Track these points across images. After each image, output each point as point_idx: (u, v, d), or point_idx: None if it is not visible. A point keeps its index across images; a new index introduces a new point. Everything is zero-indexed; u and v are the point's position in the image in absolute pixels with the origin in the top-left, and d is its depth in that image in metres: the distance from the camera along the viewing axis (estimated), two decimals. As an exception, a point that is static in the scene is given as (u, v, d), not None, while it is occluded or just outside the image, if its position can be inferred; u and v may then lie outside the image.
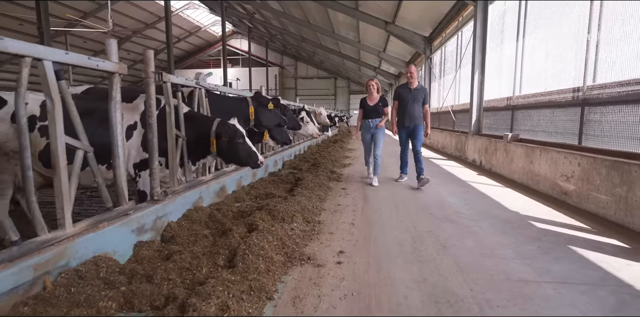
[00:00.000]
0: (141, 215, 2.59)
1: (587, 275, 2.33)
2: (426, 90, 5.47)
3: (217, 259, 2.37)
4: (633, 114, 3.52)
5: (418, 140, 5.42)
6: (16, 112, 1.76)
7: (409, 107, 5.34)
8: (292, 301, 1.99)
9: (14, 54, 1.73)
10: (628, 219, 3.26)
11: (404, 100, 5.39)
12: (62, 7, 23.10)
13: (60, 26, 23.11)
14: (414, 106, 5.34)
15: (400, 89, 5.51)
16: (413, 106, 5.34)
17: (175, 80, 3.13)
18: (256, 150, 3.32)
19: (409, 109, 5.34)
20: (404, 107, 5.38)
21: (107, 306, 1.83)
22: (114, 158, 2.44)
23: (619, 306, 1.94)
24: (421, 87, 5.44)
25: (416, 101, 5.35)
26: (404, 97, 5.39)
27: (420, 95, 5.36)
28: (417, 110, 5.37)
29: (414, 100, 5.34)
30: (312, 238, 3.00)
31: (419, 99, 5.35)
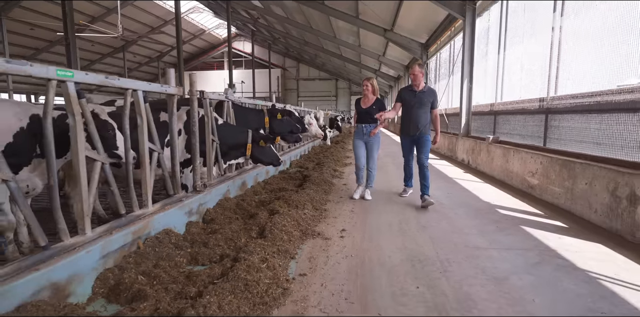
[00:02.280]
0: (190, 201, 3.41)
1: (525, 244, 3.13)
2: (435, 93, 4.69)
3: (251, 232, 3.20)
4: (581, 121, 4.33)
5: (424, 152, 4.62)
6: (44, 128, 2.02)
7: (413, 113, 4.58)
8: (308, 259, 2.80)
9: (124, 87, 2.55)
10: (572, 206, 4.06)
11: (407, 105, 4.67)
12: (76, 13, 23.94)
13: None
14: (419, 112, 4.56)
15: (403, 92, 4.75)
16: (418, 112, 4.56)
17: (212, 97, 3.96)
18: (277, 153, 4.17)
19: (414, 115, 4.58)
20: (408, 112, 4.65)
21: (181, 260, 2.64)
22: (173, 158, 3.25)
23: (538, 262, 2.74)
24: (428, 89, 4.62)
25: (422, 106, 4.57)
26: (408, 101, 4.65)
27: (428, 99, 4.57)
28: (423, 116, 4.58)
29: (420, 104, 4.56)
30: (320, 220, 3.82)
31: (425, 104, 4.57)
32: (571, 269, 2.62)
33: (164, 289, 2.19)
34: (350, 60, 25.56)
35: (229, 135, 4.15)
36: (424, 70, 4.60)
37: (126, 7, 26.04)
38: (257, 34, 32.07)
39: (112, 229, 2.43)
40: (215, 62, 42.66)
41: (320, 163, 7.57)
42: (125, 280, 2.22)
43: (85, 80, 2.13)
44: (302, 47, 30.03)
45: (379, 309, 2.09)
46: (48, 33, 25.25)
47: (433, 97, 4.63)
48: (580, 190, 3.93)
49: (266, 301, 2.11)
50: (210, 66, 42.61)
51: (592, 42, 4.28)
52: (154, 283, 2.26)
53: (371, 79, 4.90)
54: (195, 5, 31.35)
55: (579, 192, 3.96)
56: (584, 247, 3.07)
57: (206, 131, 3.84)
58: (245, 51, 39.99)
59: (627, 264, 2.72)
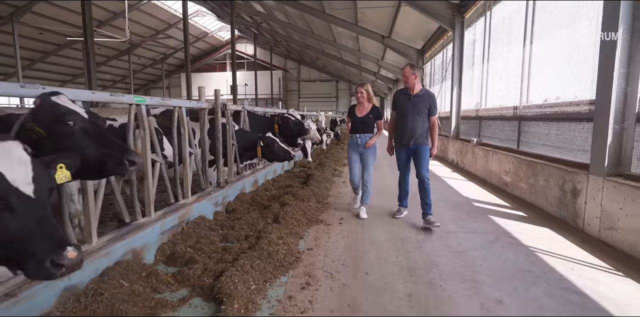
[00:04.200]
0: (217, 195, 4.17)
1: (488, 229, 3.90)
2: (432, 98, 4.08)
3: (267, 219, 3.97)
4: (544, 128, 5.09)
5: (423, 164, 4.11)
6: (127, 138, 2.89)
7: (408, 120, 4.06)
8: (313, 239, 3.57)
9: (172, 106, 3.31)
10: (534, 199, 4.83)
11: (401, 110, 4.14)
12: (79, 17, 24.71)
13: (76, 35, 24.77)
14: (414, 118, 4.03)
15: (397, 95, 4.23)
16: (413, 118, 4.03)
17: (232, 107, 4.72)
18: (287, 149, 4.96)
19: (408, 122, 4.05)
20: (402, 119, 4.12)
21: (215, 239, 3.41)
22: (204, 159, 4.02)
23: (493, 240, 3.50)
24: (425, 92, 4.08)
25: (417, 111, 4.02)
26: (402, 105, 4.13)
27: (424, 104, 4.02)
28: (420, 124, 4.04)
29: (414, 110, 4.02)
30: (322, 211, 4.58)
31: (421, 109, 4.02)
32: (517, 246, 3.38)
33: (207, 257, 2.96)
34: (350, 63, 26.33)
35: (244, 139, 4.92)
36: (417, 71, 4.02)
37: (132, 12, 26.83)
38: (259, 37, 32.83)
39: (166, 214, 3.20)
40: (218, 64, 43.41)
41: (321, 163, 8.33)
42: (178, 250, 2.99)
43: (150, 103, 2.90)
44: (303, 50, 30.80)
45: (367, 270, 2.86)
46: (56, 37, 25.98)
47: (430, 102, 4.03)
48: (540, 186, 4.69)
49: (284, 265, 2.88)
50: (212, 68, 43.36)
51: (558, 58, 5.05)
52: (199, 253, 3.03)
53: (365, 84, 4.40)
54: (199, 9, 32.11)
55: (539, 188, 4.73)
56: (534, 231, 3.83)
57: (228, 137, 4.61)
58: (247, 53, 40.72)
59: (563, 242, 3.49)
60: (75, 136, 1.77)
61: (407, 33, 13.90)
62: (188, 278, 2.62)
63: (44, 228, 1.20)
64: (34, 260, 1.17)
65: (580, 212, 3.82)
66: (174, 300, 2.36)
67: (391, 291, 2.52)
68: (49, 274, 1.18)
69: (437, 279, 2.69)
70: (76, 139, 1.76)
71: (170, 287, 2.54)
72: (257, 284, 2.51)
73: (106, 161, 1.79)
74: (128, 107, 2.73)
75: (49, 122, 1.74)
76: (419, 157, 4.15)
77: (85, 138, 1.79)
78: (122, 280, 2.36)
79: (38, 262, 1.17)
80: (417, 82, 4.07)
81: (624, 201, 3.19)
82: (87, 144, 1.78)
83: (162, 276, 2.59)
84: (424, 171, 4.13)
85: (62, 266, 1.17)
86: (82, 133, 1.79)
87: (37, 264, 1.17)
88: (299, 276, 2.75)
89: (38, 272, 1.19)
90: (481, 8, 7.87)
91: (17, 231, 1.17)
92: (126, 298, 2.19)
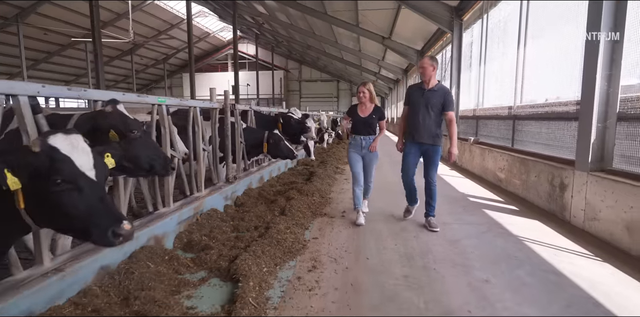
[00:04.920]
0: (227, 189, 4.45)
1: (481, 220, 4.17)
2: (448, 93, 3.83)
3: (274, 212, 4.24)
4: (535, 126, 5.35)
5: (432, 166, 3.88)
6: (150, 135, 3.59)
7: (420, 117, 3.80)
8: (318, 229, 3.84)
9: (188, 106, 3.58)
10: (526, 194, 5.09)
11: (414, 106, 3.88)
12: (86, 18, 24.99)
13: (79, 36, 25.09)
14: (427, 115, 3.78)
15: (410, 91, 4.00)
16: (426, 115, 3.78)
17: (240, 107, 5.00)
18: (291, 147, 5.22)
19: (420, 118, 3.80)
20: (414, 116, 3.86)
21: (227, 229, 3.68)
22: (215, 156, 4.29)
23: (485, 231, 3.77)
24: (440, 87, 3.82)
25: (431, 107, 3.77)
26: (414, 101, 3.88)
27: (437, 100, 3.76)
28: (433, 121, 3.79)
29: (427, 106, 3.77)
30: (326, 205, 4.85)
31: (434, 105, 3.76)
32: (507, 236, 3.65)
33: (221, 244, 3.23)
34: (351, 63, 26.58)
35: (251, 137, 5.19)
36: (435, 64, 3.76)
37: (135, 12, 27.12)
38: (260, 37, 33.10)
39: (183, 205, 3.48)
40: (219, 64, 43.68)
41: (324, 161, 8.60)
42: (194, 238, 3.26)
43: (170, 103, 3.18)
44: (304, 51, 31.06)
45: (367, 255, 3.13)
46: (60, 37, 26.26)
47: (445, 97, 3.78)
48: (532, 181, 4.95)
49: (292, 251, 3.15)
50: (214, 68, 43.63)
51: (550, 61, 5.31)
52: (213, 241, 3.29)
53: (367, 84, 4.18)
54: (201, 9, 32.40)
55: (531, 183, 4.99)
56: (524, 223, 4.10)
57: (236, 135, 4.88)
58: (248, 53, 41.00)
59: (550, 232, 3.75)
60: (136, 142, 2.21)
61: (407, 34, 14.15)
62: (205, 262, 2.90)
63: (104, 205, 1.48)
64: (98, 230, 1.45)
65: (567, 205, 4.08)
66: (194, 280, 2.63)
67: (389, 272, 2.79)
68: (110, 242, 1.45)
69: (431, 263, 2.96)
70: (136, 145, 2.20)
71: (189, 269, 2.82)
72: (269, 267, 2.78)
73: (154, 164, 2.25)
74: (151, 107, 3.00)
75: (121, 129, 2.16)
76: (429, 158, 3.90)
77: (142, 144, 2.23)
78: (148, 262, 2.63)
79: (102, 233, 1.44)
80: (434, 75, 3.79)
81: (605, 193, 3.46)
82: (144, 149, 2.23)
83: (182, 259, 2.87)
84: (433, 173, 3.90)
85: (120, 235, 1.45)
86: (141, 140, 2.22)
87: (101, 234, 1.44)
88: (306, 260, 3.02)
89: (102, 241, 1.47)
90: (478, 11, 8.13)
91: (85, 207, 1.45)
92: (153, 277, 2.46)
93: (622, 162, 3.55)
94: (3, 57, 25.74)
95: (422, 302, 2.34)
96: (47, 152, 1.41)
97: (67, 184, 1.42)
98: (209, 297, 2.42)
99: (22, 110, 1.81)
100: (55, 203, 1.42)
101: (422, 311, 2.23)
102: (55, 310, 1.96)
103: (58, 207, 1.42)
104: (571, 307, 2.28)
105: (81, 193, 1.44)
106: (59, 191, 1.41)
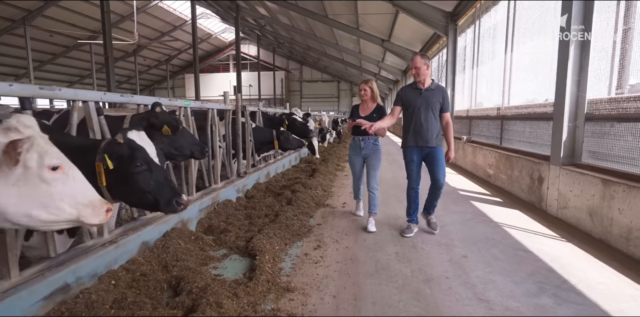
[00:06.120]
0: (238, 182, 4.93)
1: (467, 210, 4.64)
2: (444, 91, 3.63)
3: (281, 202, 4.72)
4: (520, 126, 5.83)
5: (439, 168, 3.63)
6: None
7: (419, 118, 3.56)
8: (321, 217, 4.32)
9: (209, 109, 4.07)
10: (511, 188, 5.57)
11: (411, 108, 3.62)
12: (91, 20, 25.50)
13: (84, 38, 25.60)
14: (427, 116, 3.55)
15: (405, 91, 3.70)
16: (426, 116, 3.55)
17: (250, 109, 5.48)
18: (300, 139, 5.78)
19: (421, 120, 3.56)
20: (412, 118, 3.61)
21: (240, 216, 4.16)
22: (228, 152, 4.78)
23: (469, 219, 4.25)
24: (437, 86, 3.60)
25: (430, 108, 3.55)
26: (411, 102, 3.61)
27: (436, 99, 3.55)
28: (434, 121, 3.58)
29: (427, 106, 3.54)
30: (328, 198, 5.33)
31: (433, 105, 3.55)
32: (488, 222, 4.13)
33: (237, 228, 3.71)
34: (351, 64, 27.08)
35: (262, 135, 5.70)
36: (428, 61, 3.53)
37: (139, 14, 27.62)
38: (262, 38, 33.58)
39: (203, 195, 3.96)
40: (221, 65, 44.15)
41: (325, 159, 9.08)
42: (214, 223, 3.74)
43: (193, 106, 3.66)
44: (305, 52, 31.56)
45: (364, 237, 3.62)
46: (65, 39, 26.76)
47: (443, 97, 3.58)
48: (516, 176, 5.43)
49: (299, 234, 3.64)
50: (216, 69, 44.10)
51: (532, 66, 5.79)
52: (231, 226, 3.77)
53: (369, 81, 4.00)
54: (203, 11, 32.90)
55: (514, 178, 5.47)
56: (506, 212, 4.58)
57: (246, 134, 5.36)
58: (249, 54, 41.44)
59: (527, 219, 4.23)
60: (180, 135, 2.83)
61: (405, 37, 14.63)
62: (225, 242, 3.38)
63: (168, 183, 1.98)
64: (165, 200, 1.95)
65: (544, 196, 4.56)
66: (217, 255, 3.12)
67: (383, 250, 3.27)
68: (174, 209, 1.97)
69: (419, 244, 3.45)
70: (181, 137, 2.80)
71: (212, 248, 3.30)
72: (280, 246, 3.27)
73: (194, 150, 2.89)
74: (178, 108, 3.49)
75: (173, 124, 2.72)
76: (434, 161, 3.63)
77: (185, 136, 2.85)
78: (179, 240, 3.11)
79: (168, 202, 1.94)
80: (429, 74, 3.57)
81: (573, 184, 3.94)
82: (186, 139, 2.86)
83: (205, 239, 3.35)
84: (441, 176, 3.63)
85: (181, 204, 1.95)
86: (183, 133, 2.85)
87: (168, 203, 1.94)
88: (312, 241, 3.50)
89: (168, 208, 1.98)
90: (471, 17, 8.61)
91: (155, 184, 1.95)
92: (185, 252, 2.95)
93: (589, 157, 4.03)
94: (10, 58, 26.26)
95: (409, 272, 2.82)
96: (128, 143, 1.90)
97: (143, 166, 1.91)
98: (231, 268, 2.90)
99: (90, 112, 2.29)
100: (134, 181, 1.91)
101: (409, 278, 2.71)
102: (111, 274, 2.44)
103: (136, 183, 1.91)
104: (533, 275, 2.75)
105: (152, 173, 1.94)
106: (137, 172, 1.90)
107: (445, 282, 2.65)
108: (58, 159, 1.39)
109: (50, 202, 1.36)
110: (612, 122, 3.63)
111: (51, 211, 1.37)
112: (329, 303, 2.35)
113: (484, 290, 2.51)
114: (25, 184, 1.31)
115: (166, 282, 2.54)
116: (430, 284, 2.62)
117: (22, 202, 1.31)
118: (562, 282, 2.62)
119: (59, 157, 1.41)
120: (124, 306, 2.14)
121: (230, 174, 4.90)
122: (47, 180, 1.36)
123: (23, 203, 1.32)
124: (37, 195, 1.33)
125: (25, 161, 1.30)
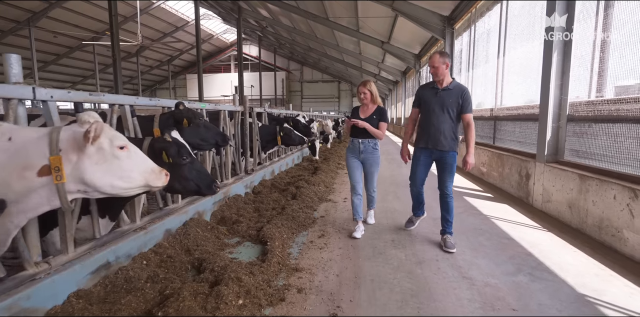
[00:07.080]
0: (246, 179, 5.29)
1: (459, 205, 4.98)
2: (465, 92, 3.35)
3: (287, 197, 5.08)
4: (511, 126, 6.19)
5: (448, 176, 3.54)
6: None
7: (433, 118, 3.40)
8: (324, 211, 4.68)
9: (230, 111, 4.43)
10: (502, 184, 5.93)
11: (426, 108, 3.45)
12: (94, 21, 25.87)
13: (87, 39, 25.98)
14: (442, 117, 3.37)
15: (422, 90, 3.55)
16: (441, 117, 3.37)
17: (257, 110, 5.84)
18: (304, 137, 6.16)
19: (434, 121, 3.39)
20: (427, 118, 3.46)
21: (250, 209, 4.52)
22: (237, 150, 5.14)
23: (461, 212, 4.60)
24: (456, 86, 3.38)
25: (446, 108, 3.35)
26: (427, 102, 3.45)
27: (454, 99, 3.33)
28: (448, 123, 3.38)
29: (442, 106, 3.35)
30: (330, 193, 5.68)
31: (450, 105, 3.34)
32: (477, 215, 4.49)
33: (248, 219, 4.07)
34: (351, 65, 27.44)
35: (266, 132, 6.07)
36: (447, 60, 3.34)
37: (141, 15, 27.98)
38: (263, 39, 33.93)
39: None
40: (222, 65, 44.50)
41: (327, 158, 9.44)
42: (226, 215, 4.10)
43: (208, 108, 4.02)
44: (306, 53, 31.91)
45: (365, 228, 3.96)
46: (69, 40, 27.12)
47: (463, 97, 3.33)
48: (506, 173, 5.79)
49: (305, 224, 3.99)
50: (217, 69, 44.46)
51: (522, 70, 6.15)
52: (242, 217, 4.13)
53: (368, 83, 3.75)
54: (205, 12, 33.24)
55: (505, 175, 5.82)
56: (495, 206, 4.93)
57: (253, 133, 5.72)
58: (250, 54, 41.79)
59: (514, 213, 4.59)
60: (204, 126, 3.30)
61: (404, 39, 14.98)
62: (238, 231, 3.74)
63: (205, 171, 2.40)
64: (205, 185, 2.38)
65: (531, 191, 4.91)
66: (232, 242, 3.47)
67: (381, 238, 3.63)
68: (213, 191, 2.44)
69: (414, 233, 3.81)
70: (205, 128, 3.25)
71: (227, 236, 3.66)
72: (288, 234, 3.62)
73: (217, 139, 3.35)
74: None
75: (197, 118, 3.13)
76: (444, 166, 3.52)
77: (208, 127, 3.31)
78: (197, 229, 3.47)
79: (208, 186, 2.40)
80: (448, 73, 3.37)
81: (555, 180, 4.29)
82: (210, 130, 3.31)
83: (220, 229, 3.71)
84: (448, 184, 3.51)
85: (217, 187, 2.39)
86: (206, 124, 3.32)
87: (208, 188, 2.38)
88: (316, 231, 3.86)
89: (209, 191, 2.43)
90: (467, 22, 8.96)
91: (196, 172, 2.37)
92: (203, 238, 3.30)
93: (571, 155, 4.38)
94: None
95: (403, 255, 3.18)
96: (174, 141, 2.30)
97: (188, 159, 2.31)
98: (245, 253, 3.26)
99: (126, 113, 2.65)
100: (180, 171, 2.30)
101: (403, 261, 3.07)
102: (143, 255, 2.80)
103: (182, 173, 2.31)
104: (513, 258, 3.11)
105: (193, 165, 2.35)
106: (184, 164, 2.32)
107: (435, 264, 3.00)
108: (123, 140, 1.78)
109: (123, 173, 1.74)
110: (589, 122, 3.98)
111: (126, 180, 1.76)
112: (332, 280, 2.71)
113: (468, 270, 2.86)
114: (104, 161, 1.69)
115: (189, 263, 2.90)
116: (421, 265, 2.97)
117: (105, 176, 1.70)
118: (538, 264, 2.97)
119: (123, 139, 1.80)
120: (157, 281, 2.49)
121: (239, 171, 5.25)
122: (118, 157, 1.74)
123: (106, 176, 1.70)
124: (114, 169, 1.72)
125: (101, 144, 1.69)
